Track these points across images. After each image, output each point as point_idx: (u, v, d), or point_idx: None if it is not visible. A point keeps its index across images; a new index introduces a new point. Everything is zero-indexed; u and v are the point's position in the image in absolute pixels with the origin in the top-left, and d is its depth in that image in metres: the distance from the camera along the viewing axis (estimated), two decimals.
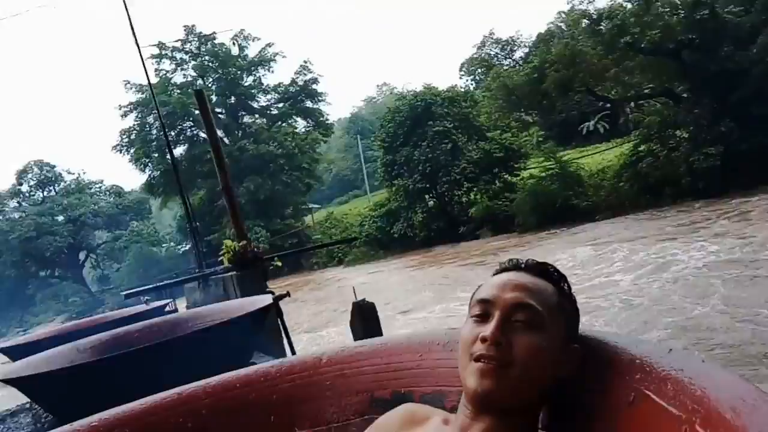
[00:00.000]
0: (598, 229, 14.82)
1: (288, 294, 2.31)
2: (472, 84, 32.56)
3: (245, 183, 26.96)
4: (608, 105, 24.33)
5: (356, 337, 4.08)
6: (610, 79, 17.44)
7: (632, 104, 23.37)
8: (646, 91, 18.32)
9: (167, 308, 4.55)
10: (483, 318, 0.84)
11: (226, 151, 27.08)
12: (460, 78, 35.76)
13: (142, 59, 5.86)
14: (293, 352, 2.54)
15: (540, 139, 25.47)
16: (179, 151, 28.78)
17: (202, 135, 30.45)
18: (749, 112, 14.54)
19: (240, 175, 26.12)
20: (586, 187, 17.98)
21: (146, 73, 6.57)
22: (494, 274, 0.91)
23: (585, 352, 0.81)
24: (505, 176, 21.00)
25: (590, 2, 17.08)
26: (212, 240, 23.38)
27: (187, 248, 34.61)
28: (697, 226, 11.83)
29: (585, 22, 17.61)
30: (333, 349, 1.26)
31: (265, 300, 2.42)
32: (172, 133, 27.32)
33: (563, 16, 19.55)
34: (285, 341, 2.46)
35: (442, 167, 21.11)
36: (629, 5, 16.70)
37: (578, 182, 18.14)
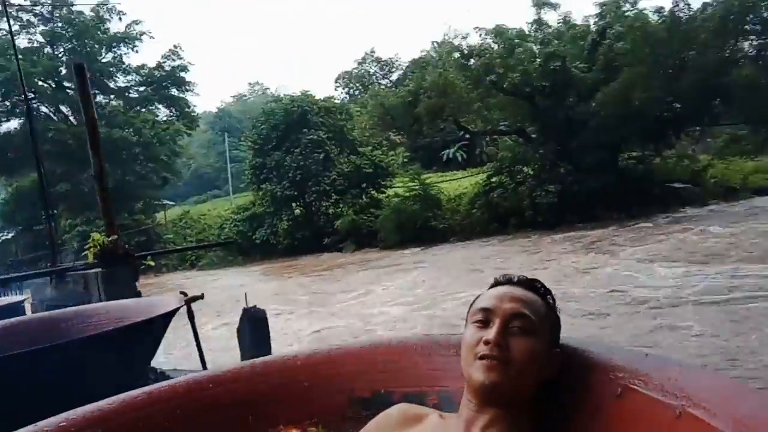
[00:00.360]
0: (440, 254, 15.67)
1: (202, 296, 2.23)
2: (346, 97, 33.23)
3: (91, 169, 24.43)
4: (467, 136, 26.42)
5: (242, 343, 4.00)
6: (473, 112, 18.98)
7: (488, 138, 25.62)
8: (502, 127, 20.22)
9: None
10: (484, 324, 0.99)
11: (73, 132, 24.28)
12: (335, 89, 36.26)
13: (7, 15, 5.10)
14: (203, 361, 2.44)
15: (405, 159, 26.71)
16: (13, 125, 25.21)
17: (44, 110, 27.06)
18: (584, 159, 16.77)
19: (85, 161, 23.63)
20: (444, 210, 19.25)
21: (11, 32, 5.70)
22: (491, 287, 1.06)
23: (564, 356, 0.99)
24: (372, 192, 21.66)
25: (463, 38, 18.47)
26: (42, 230, 20.77)
27: (9, 237, 30.21)
28: (493, 259, 12.96)
29: (456, 55, 19.01)
30: (306, 351, 1.31)
31: (174, 302, 2.32)
32: (7, 103, 23.88)
33: (437, 46, 20.91)
34: (197, 349, 2.35)
35: (313, 176, 21.16)
36: (496, 47, 18.37)
37: (438, 205, 19.35)
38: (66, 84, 25.51)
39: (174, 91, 28.71)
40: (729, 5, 15.40)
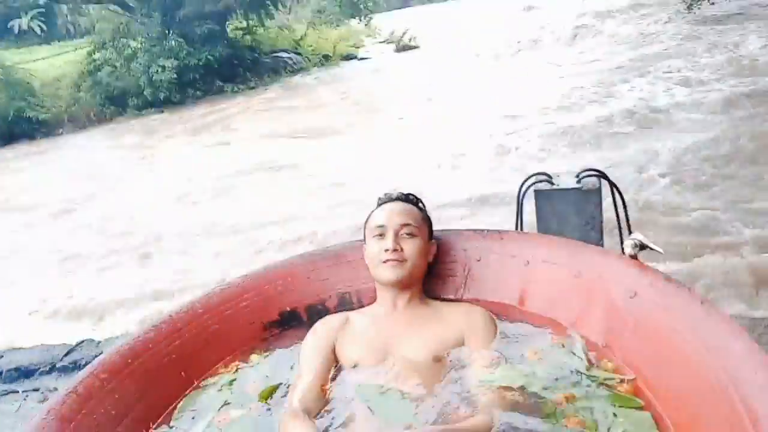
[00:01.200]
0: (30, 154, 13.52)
1: None
2: None
3: None
4: (41, 2, 21.76)
5: None
6: None
7: (73, 5, 21.59)
8: None
9: None
10: (381, 236, 1.31)
11: None
12: None
13: None
14: None
15: None
16: None
17: None
18: (193, 30, 16.28)
19: None
20: (42, 98, 16.15)
21: None
22: (378, 206, 1.36)
23: (438, 244, 1.39)
24: None
25: None
26: None
27: None
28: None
29: None
30: (201, 297, 1.35)
31: None
32: None
33: None
34: None
35: None
36: None
37: (30, 92, 16.05)
38: None
39: None
40: None
